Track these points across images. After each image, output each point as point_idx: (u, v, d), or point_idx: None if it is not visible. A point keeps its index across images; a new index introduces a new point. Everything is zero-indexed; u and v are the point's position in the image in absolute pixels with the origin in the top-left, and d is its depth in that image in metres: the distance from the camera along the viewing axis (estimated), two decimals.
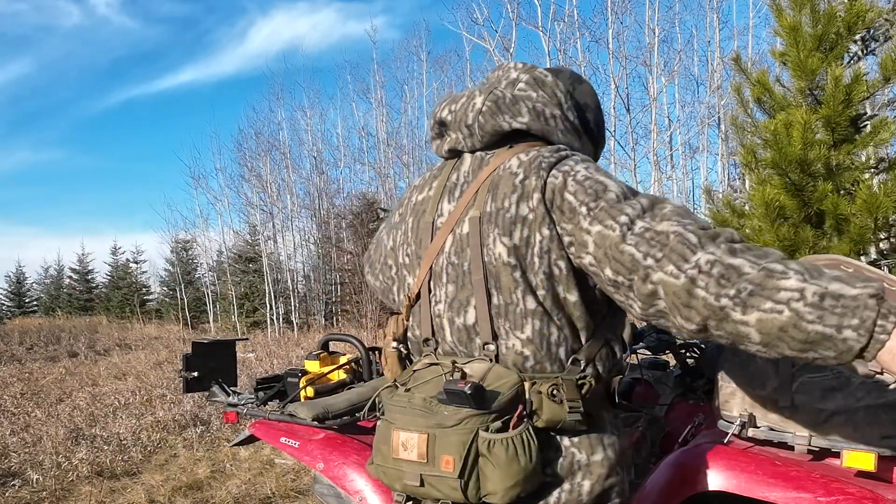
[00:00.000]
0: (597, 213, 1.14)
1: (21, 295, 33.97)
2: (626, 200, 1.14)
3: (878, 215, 3.54)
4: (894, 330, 0.93)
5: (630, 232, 1.10)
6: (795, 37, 3.96)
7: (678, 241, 1.05)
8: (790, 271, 0.98)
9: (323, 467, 1.92)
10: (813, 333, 0.96)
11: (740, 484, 1.50)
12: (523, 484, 1.13)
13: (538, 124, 1.29)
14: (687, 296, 1.03)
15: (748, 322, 0.99)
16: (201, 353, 2.50)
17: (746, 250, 1.03)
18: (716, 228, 1.08)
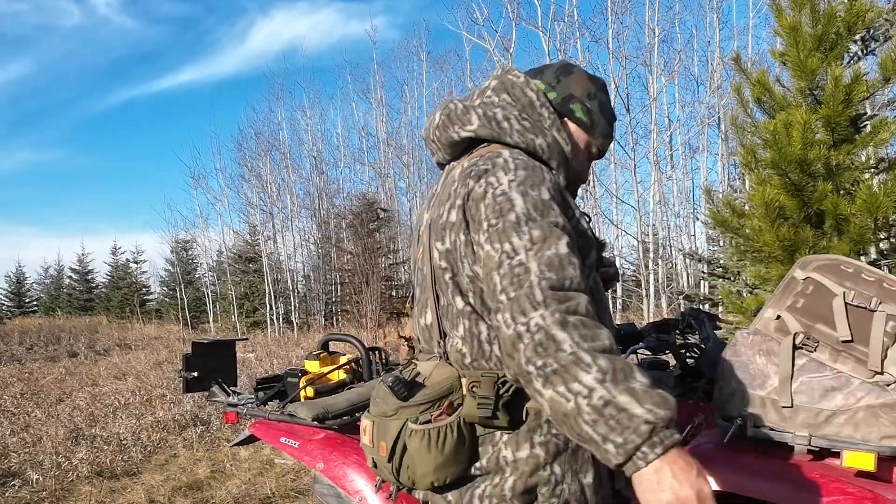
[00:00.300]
0: (492, 232, 1.18)
1: (21, 295, 33.98)
2: (523, 226, 1.16)
3: (878, 215, 3.54)
4: (657, 461, 0.98)
5: (508, 262, 1.14)
6: (795, 37, 3.96)
7: (526, 293, 1.10)
8: (594, 367, 1.02)
9: (323, 467, 1.92)
10: (584, 433, 1.02)
11: (740, 484, 1.50)
12: (439, 473, 1.22)
13: (487, 130, 1.33)
14: (511, 348, 1.09)
15: (543, 395, 1.05)
16: (201, 353, 2.50)
17: (578, 326, 1.06)
18: (569, 293, 1.10)
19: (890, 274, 1.64)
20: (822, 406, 1.53)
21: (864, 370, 1.52)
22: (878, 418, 1.47)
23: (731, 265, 5.16)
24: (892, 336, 1.51)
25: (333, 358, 2.45)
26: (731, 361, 1.69)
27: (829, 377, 1.54)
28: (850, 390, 1.51)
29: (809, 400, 1.55)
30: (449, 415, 1.23)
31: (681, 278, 15.48)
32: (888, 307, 1.53)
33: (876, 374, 1.51)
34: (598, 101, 1.42)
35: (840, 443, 1.50)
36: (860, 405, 1.49)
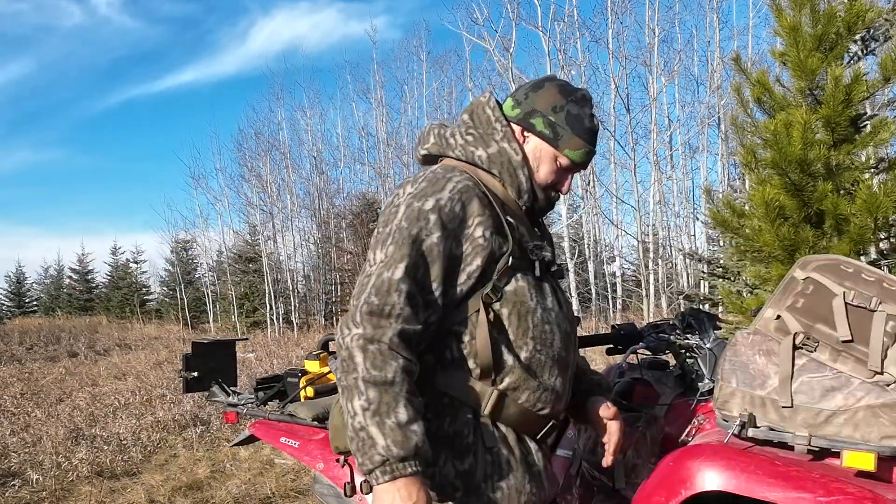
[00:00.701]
0: (373, 239, 1.39)
1: (21, 295, 33.98)
2: (388, 239, 1.35)
3: (878, 215, 3.54)
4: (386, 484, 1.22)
5: (365, 272, 1.36)
6: (795, 37, 3.95)
7: (352, 310, 1.32)
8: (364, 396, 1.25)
9: (323, 467, 1.92)
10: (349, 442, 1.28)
11: (740, 484, 1.50)
12: (336, 441, 1.55)
13: (437, 147, 1.53)
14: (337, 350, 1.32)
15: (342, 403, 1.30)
16: (201, 353, 2.50)
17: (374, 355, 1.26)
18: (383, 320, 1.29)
19: (890, 274, 1.64)
20: (822, 406, 1.53)
21: (864, 370, 1.52)
22: (878, 418, 1.47)
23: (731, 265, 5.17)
24: (892, 336, 1.51)
25: (333, 358, 2.45)
26: (731, 361, 1.69)
27: (829, 377, 1.54)
28: (850, 390, 1.51)
29: (809, 400, 1.55)
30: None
31: (681, 278, 15.49)
32: (888, 307, 1.53)
33: (876, 374, 1.51)
34: (564, 112, 1.48)
35: (840, 443, 1.50)
36: (860, 405, 1.49)
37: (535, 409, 1.45)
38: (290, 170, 22.29)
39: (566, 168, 1.52)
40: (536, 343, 1.44)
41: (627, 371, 2.32)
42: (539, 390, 1.45)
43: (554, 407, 1.49)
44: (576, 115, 1.48)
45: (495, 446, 1.41)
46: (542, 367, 1.46)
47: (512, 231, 1.43)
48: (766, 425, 1.60)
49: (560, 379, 1.50)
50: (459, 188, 1.39)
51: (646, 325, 2.35)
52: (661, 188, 15.79)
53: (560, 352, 1.49)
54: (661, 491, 1.60)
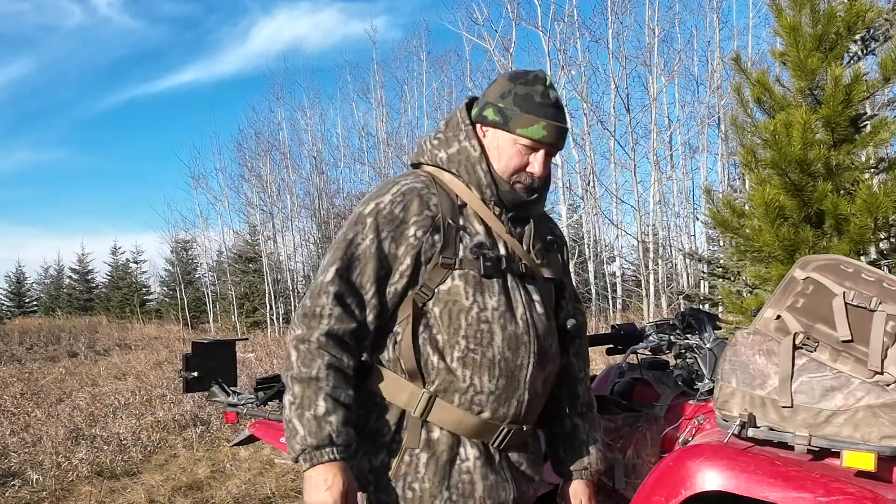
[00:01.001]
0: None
1: (21, 295, 33.98)
2: (334, 248, 1.44)
3: (878, 215, 3.54)
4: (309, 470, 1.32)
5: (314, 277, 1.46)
6: (795, 37, 3.95)
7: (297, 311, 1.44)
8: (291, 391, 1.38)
9: None
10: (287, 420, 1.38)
11: (740, 484, 1.50)
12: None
13: (416, 155, 1.58)
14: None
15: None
16: (201, 353, 2.50)
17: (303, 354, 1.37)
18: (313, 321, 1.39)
19: (890, 274, 1.64)
20: (822, 406, 1.53)
21: (864, 370, 1.52)
22: (878, 418, 1.47)
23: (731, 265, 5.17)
24: (892, 336, 1.51)
25: None
26: (731, 361, 1.69)
27: (829, 377, 1.54)
28: (850, 390, 1.51)
29: (809, 400, 1.55)
30: None
31: (681, 278, 15.48)
32: (888, 307, 1.53)
33: (876, 374, 1.51)
34: (512, 95, 1.46)
35: (840, 443, 1.50)
36: (860, 405, 1.49)
37: (473, 411, 1.42)
38: (290, 170, 22.29)
39: (530, 147, 1.46)
40: (469, 342, 1.41)
41: (627, 371, 2.32)
42: (471, 392, 1.42)
43: (497, 411, 1.43)
44: (524, 95, 1.45)
45: (416, 448, 1.42)
46: (478, 368, 1.42)
47: (450, 230, 1.43)
48: (766, 425, 1.60)
49: (503, 381, 1.43)
50: (403, 190, 1.45)
51: (646, 325, 2.35)
52: (661, 188, 15.79)
53: (502, 352, 1.43)
54: (661, 491, 1.60)
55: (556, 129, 1.45)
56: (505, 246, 1.47)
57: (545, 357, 1.49)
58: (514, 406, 1.45)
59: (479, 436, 1.44)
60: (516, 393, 1.45)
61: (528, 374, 1.45)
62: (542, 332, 1.48)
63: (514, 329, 1.44)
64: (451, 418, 1.43)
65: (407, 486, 1.43)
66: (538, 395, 1.50)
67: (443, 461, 1.42)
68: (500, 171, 1.47)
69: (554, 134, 1.45)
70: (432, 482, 1.42)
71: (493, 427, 1.44)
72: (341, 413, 1.35)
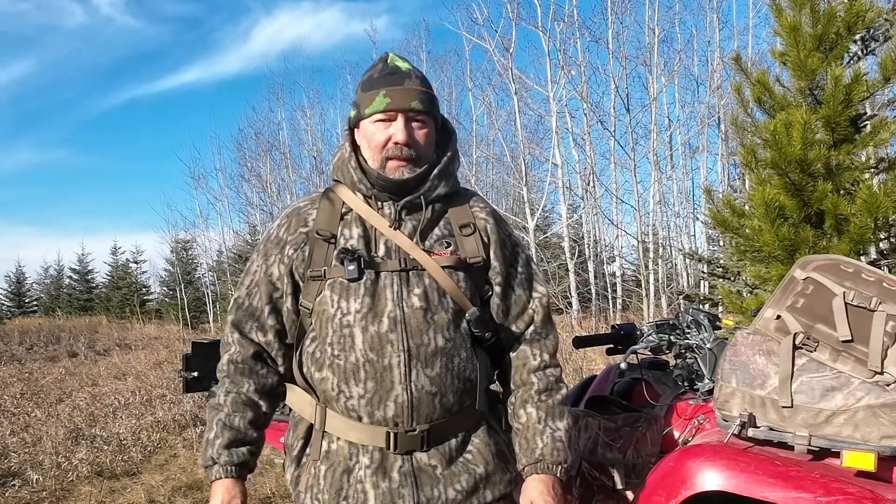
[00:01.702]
0: None
1: (21, 295, 33.95)
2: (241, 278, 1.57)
3: (878, 215, 3.54)
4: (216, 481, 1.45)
5: None
6: (795, 37, 3.95)
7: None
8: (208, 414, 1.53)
9: None
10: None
11: (740, 484, 1.50)
12: None
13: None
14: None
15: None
16: (201, 353, 2.50)
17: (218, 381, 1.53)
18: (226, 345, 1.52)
19: (890, 274, 1.64)
20: (822, 406, 1.53)
21: (864, 370, 1.52)
22: (878, 418, 1.47)
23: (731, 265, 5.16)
24: (892, 336, 1.51)
25: None
26: (731, 361, 1.69)
27: (829, 377, 1.54)
28: (850, 390, 1.51)
29: (809, 400, 1.55)
30: None
31: (681, 278, 15.48)
32: (888, 307, 1.53)
33: (876, 374, 1.51)
34: (359, 86, 1.49)
35: (840, 443, 1.50)
36: (860, 405, 1.49)
37: (352, 418, 1.42)
38: (290, 170, 22.29)
39: (384, 121, 1.43)
40: (334, 349, 1.41)
41: (627, 371, 2.32)
42: (342, 399, 1.42)
43: (372, 415, 1.40)
44: (366, 79, 1.47)
45: (317, 459, 1.46)
46: (343, 374, 1.41)
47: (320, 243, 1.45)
48: (766, 425, 1.60)
49: (371, 384, 1.39)
50: (287, 212, 1.53)
51: (646, 325, 2.35)
52: (661, 188, 15.78)
53: (365, 355, 1.39)
54: (661, 491, 1.60)
55: (398, 92, 1.42)
56: (386, 243, 1.44)
57: (425, 352, 1.39)
58: (391, 408, 1.39)
59: (372, 441, 1.41)
60: (391, 394, 1.39)
61: (401, 373, 1.38)
62: (416, 326, 1.39)
63: (377, 329, 1.39)
64: (342, 427, 1.44)
65: (313, 498, 1.45)
66: (429, 394, 1.40)
67: (339, 472, 1.43)
68: (371, 158, 1.45)
69: (399, 97, 1.41)
70: (329, 493, 1.43)
71: (379, 432, 1.40)
72: (227, 435, 1.46)
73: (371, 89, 1.44)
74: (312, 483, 1.45)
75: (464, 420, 1.47)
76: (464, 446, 1.47)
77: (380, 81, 1.44)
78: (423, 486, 1.41)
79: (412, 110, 1.42)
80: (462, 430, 1.47)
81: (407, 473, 1.41)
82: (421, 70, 1.50)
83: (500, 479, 1.48)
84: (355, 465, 1.42)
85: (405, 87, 1.42)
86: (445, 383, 1.41)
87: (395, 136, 1.42)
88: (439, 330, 1.41)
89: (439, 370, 1.41)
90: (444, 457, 1.43)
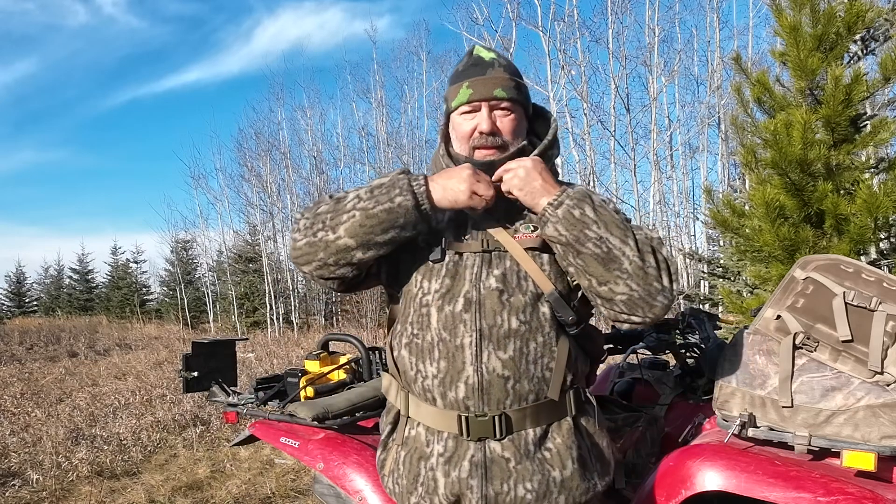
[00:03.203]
0: None
1: (21, 295, 33.95)
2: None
3: (878, 215, 3.54)
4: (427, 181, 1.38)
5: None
6: (795, 37, 3.95)
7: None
8: (349, 193, 1.43)
9: (323, 467, 1.92)
10: (381, 212, 1.38)
11: (740, 484, 1.50)
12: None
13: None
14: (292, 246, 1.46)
15: (340, 235, 1.40)
16: (201, 353, 2.50)
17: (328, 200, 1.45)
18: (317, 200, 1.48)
19: (890, 274, 1.64)
20: (822, 406, 1.53)
21: (864, 370, 1.52)
22: (878, 418, 1.47)
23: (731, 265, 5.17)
24: (892, 336, 1.51)
25: (333, 358, 2.45)
26: (731, 361, 1.69)
27: (829, 377, 1.54)
28: (850, 390, 1.51)
29: (809, 400, 1.55)
30: None
31: (681, 278, 15.48)
32: (888, 307, 1.53)
33: (876, 374, 1.51)
34: (448, 80, 1.52)
35: (840, 443, 1.50)
36: (860, 405, 1.49)
37: (427, 400, 1.42)
38: (290, 170, 22.30)
39: (469, 112, 1.46)
40: (413, 328, 1.44)
41: (627, 371, 2.32)
42: (420, 378, 1.42)
43: (445, 396, 1.38)
44: (453, 74, 1.51)
45: (400, 445, 1.49)
46: (420, 353, 1.42)
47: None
48: (766, 425, 1.60)
49: (443, 363, 1.38)
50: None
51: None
52: (661, 188, 15.79)
53: (439, 334, 1.39)
54: (661, 491, 1.60)
55: (481, 82, 1.43)
56: (473, 225, 1.46)
57: (497, 334, 1.37)
58: (462, 389, 1.37)
59: (446, 427, 1.40)
60: (462, 375, 1.37)
61: (472, 353, 1.37)
62: (490, 308, 1.38)
63: (452, 308, 1.39)
64: (420, 412, 1.45)
65: (394, 483, 1.49)
66: (500, 377, 1.37)
67: (415, 458, 1.44)
68: (461, 149, 1.48)
69: (482, 87, 1.43)
70: (407, 479, 1.45)
71: (451, 416, 1.39)
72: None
73: (456, 82, 1.47)
74: (394, 468, 1.49)
75: (543, 413, 1.41)
76: (542, 442, 1.41)
77: (464, 73, 1.47)
78: (493, 478, 1.38)
79: (495, 98, 1.43)
80: (541, 423, 1.41)
81: (478, 464, 1.38)
82: (507, 58, 1.50)
83: (576, 486, 1.42)
84: (431, 452, 1.43)
85: (488, 76, 1.44)
86: (519, 368, 1.38)
87: (479, 125, 1.44)
88: (514, 312, 1.39)
89: (512, 353, 1.37)
90: (520, 450, 1.39)
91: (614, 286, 1.34)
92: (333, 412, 2.06)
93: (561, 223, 1.34)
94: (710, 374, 2.06)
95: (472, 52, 1.50)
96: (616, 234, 1.34)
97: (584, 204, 1.35)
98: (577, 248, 1.34)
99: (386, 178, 1.42)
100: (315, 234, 1.41)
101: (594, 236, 1.33)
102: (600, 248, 1.33)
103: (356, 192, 1.42)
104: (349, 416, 2.08)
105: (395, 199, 1.36)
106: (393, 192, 1.37)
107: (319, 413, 2.04)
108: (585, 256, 1.34)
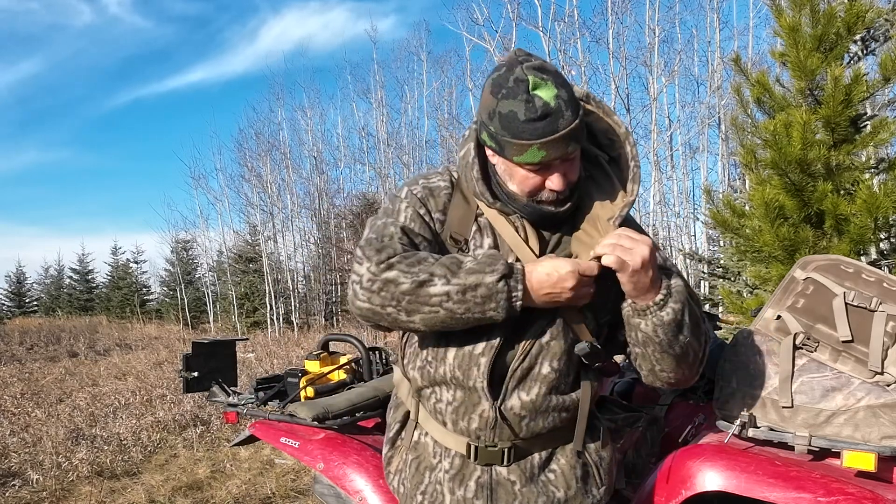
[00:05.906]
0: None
1: (21, 295, 33.93)
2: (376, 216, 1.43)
3: (878, 215, 3.54)
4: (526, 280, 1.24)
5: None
6: (795, 37, 3.95)
7: (356, 254, 1.32)
8: (435, 277, 1.23)
9: (323, 467, 1.92)
10: (469, 320, 1.25)
11: (740, 484, 1.50)
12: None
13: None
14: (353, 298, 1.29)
15: (414, 322, 1.27)
16: (201, 353, 2.50)
17: (401, 261, 1.26)
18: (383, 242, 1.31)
19: (890, 274, 1.64)
20: (822, 406, 1.53)
21: (864, 370, 1.52)
22: (879, 418, 1.47)
23: (731, 265, 5.17)
24: (892, 336, 1.51)
25: (333, 358, 2.45)
26: (731, 361, 1.69)
27: (829, 377, 1.54)
28: (851, 390, 1.51)
29: (809, 400, 1.55)
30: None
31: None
32: (888, 307, 1.53)
33: (876, 375, 1.51)
34: (497, 116, 1.23)
35: (840, 443, 1.50)
36: (860, 405, 1.49)
37: (438, 420, 1.42)
38: (290, 170, 22.28)
39: (534, 170, 1.27)
40: (428, 355, 1.40)
41: (627, 371, 2.31)
42: (434, 400, 1.41)
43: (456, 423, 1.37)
44: (507, 114, 1.21)
45: (409, 448, 1.48)
46: (435, 381, 1.40)
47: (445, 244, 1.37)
48: (766, 425, 1.60)
49: (460, 393, 1.36)
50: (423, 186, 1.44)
51: None
52: (662, 188, 15.78)
53: (452, 371, 1.35)
54: (661, 491, 1.60)
55: (553, 142, 1.20)
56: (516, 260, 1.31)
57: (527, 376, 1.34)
58: (475, 422, 1.35)
59: (454, 446, 1.40)
60: (477, 408, 1.35)
61: (489, 393, 1.33)
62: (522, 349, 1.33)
63: (471, 349, 1.33)
64: (430, 425, 1.45)
65: (400, 482, 1.50)
66: (517, 416, 1.34)
67: (423, 466, 1.44)
68: (520, 192, 1.31)
69: (555, 148, 1.22)
70: (412, 483, 1.45)
71: (461, 441, 1.39)
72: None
73: (519, 138, 1.21)
74: (402, 468, 1.50)
75: (552, 438, 1.41)
76: (547, 464, 1.41)
77: (530, 129, 1.20)
78: (499, 500, 1.37)
79: (565, 152, 1.24)
80: (548, 447, 1.41)
81: (484, 485, 1.38)
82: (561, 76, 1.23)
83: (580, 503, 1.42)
84: (438, 464, 1.42)
85: (560, 132, 1.20)
86: (539, 409, 1.36)
87: (552, 184, 1.28)
88: (550, 358, 1.34)
89: (534, 396, 1.34)
90: (525, 473, 1.38)
91: (672, 374, 1.35)
92: (333, 412, 2.06)
93: (661, 327, 1.27)
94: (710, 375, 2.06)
95: (530, 91, 1.20)
96: (698, 336, 1.33)
97: (685, 309, 1.30)
98: (664, 347, 1.30)
99: (482, 274, 1.22)
100: (384, 307, 1.25)
101: (683, 341, 1.30)
102: (682, 350, 1.31)
103: (444, 283, 1.23)
104: (349, 416, 2.08)
105: (487, 312, 1.23)
106: (488, 305, 1.22)
107: (319, 413, 2.04)
108: (665, 354, 1.31)
